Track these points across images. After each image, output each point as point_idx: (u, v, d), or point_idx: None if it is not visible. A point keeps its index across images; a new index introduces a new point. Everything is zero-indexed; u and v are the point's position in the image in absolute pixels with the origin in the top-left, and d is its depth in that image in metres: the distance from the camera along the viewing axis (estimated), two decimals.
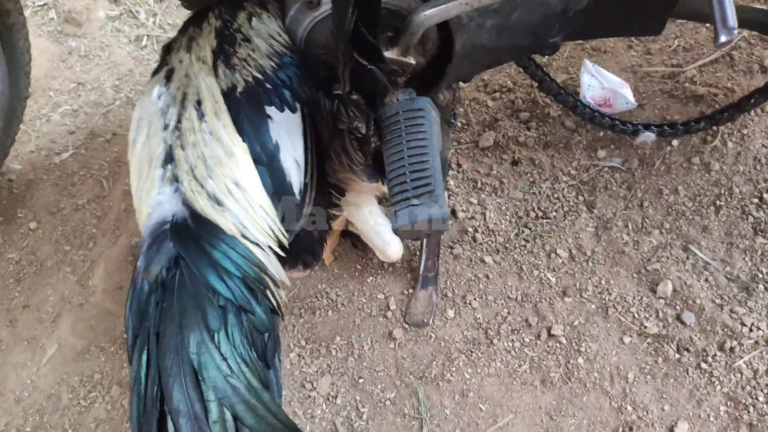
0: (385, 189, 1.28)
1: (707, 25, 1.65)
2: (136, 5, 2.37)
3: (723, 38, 0.67)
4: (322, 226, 1.16)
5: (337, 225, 1.49)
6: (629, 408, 1.20)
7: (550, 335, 1.31)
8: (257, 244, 0.92)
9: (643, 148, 1.50)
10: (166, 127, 0.96)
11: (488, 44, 1.09)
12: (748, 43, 1.58)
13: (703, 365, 1.21)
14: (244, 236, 0.91)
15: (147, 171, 0.95)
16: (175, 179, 0.92)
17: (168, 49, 1.11)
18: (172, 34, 2.35)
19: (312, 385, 1.36)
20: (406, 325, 1.40)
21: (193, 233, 0.89)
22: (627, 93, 1.53)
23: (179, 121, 0.96)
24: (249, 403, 0.79)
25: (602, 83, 1.56)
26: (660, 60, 1.64)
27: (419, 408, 1.28)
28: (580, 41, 1.72)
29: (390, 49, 1.03)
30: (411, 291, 1.43)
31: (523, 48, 1.15)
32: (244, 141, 0.94)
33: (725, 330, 1.24)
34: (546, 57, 1.62)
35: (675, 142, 1.49)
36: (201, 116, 0.95)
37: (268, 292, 0.91)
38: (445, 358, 1.33)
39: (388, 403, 1.31)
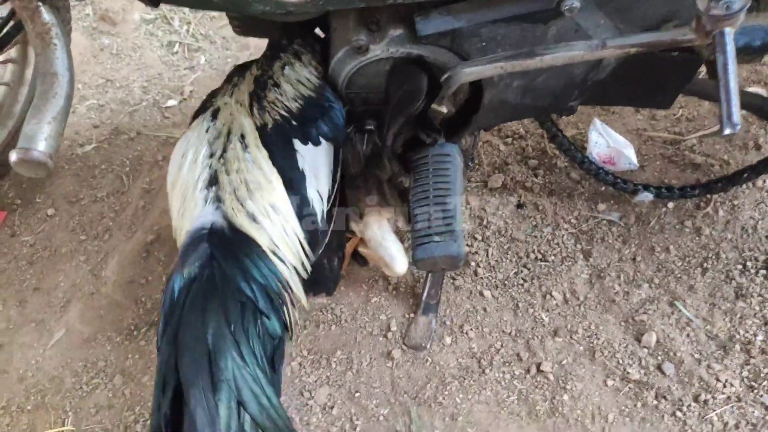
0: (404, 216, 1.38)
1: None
2: (172, 12, 2.47)
3: (727, 131, 0.78)
4: (340, 249, 1.24)
5: (349, 245, 1.58)
6: None
7: (539, 371, 1.40)
8: (284, 263, 1.02)
9: (640, 207, 1.61)
10: (212, 155, 1.07)
11: (513, 101, 1.20)
12: (746, 121, 1.71)
13: (678, 413, 1.30)
14: (274, 253, 1.01)
15: (191, 193, 1.05)
16: (218, 199, 1.02)
17: (213, 95, 1.23)
18: (204, 44, 2.45)
19: (310, 394, 1.44)
20: (405, 347, 1.48)
21: (228, 240, 0.99)
22: (631, 154, 1.65)
23: (224, 150, 1.07)
24: (254, 392, 0.87)
25: (608, 142, 1.68)
26: (664, 126, 1.76)
27: (410, 426, 1.36)
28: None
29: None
30: (412, 315, 1.52)
31: (544, 108, 1.26)
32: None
33: (701, 383, 1.33)
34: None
35: (671, 205, 1.60)
36: (245, 147, 1.07)
37: (284, 308, 1.00)
38: (439, 382, 1.41)
39: (381, 418, 1.38)
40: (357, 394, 1.42)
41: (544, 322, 1.48)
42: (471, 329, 1.48)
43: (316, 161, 1.11)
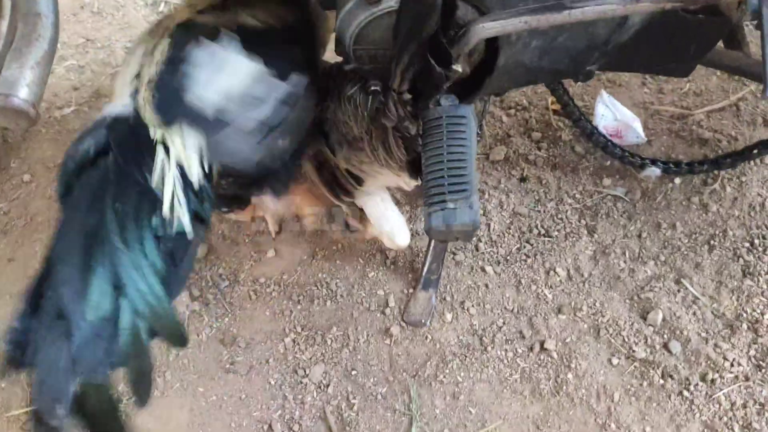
0: (405, 185, 1.32)
1: (718, 73, 1.74)
2: None
3: None
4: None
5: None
6: (613, 426, 1.25)
7: (542, 349, 1.36)
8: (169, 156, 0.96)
9: (646, 182, 1.57)
10: (146, 52, 1.04)
11: (529, 64, 1.13)
12: (755, 96, 1.66)
13: (685, 393, 1.27)
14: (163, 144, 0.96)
15: (121, 88, 1.02)
16: (136, 92, 0.98)
17: None
18: None
19: (305, 371, 1.38)
20: (404, 324, 1.42)
21: (128, 129, 0.94)
22: (638, 127, 1.60)
23: (155, 48, 1.03)
24: (132, 278, 0.82)
25: (615, 115, 1.62)
26: (671, 100, 1.71)
27: (410, 405, 1.31)
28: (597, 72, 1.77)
29: None
30: (411, 291, 1.46)
31: (561, 72, 1.19)
32: None
33: (708, 362, 1.30)
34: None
35: (677, 180, 1.56)
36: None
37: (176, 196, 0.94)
38: (440, 360, 1.36)
39: (379, 397, 1.33)
40: (354, 372, 1.37)
41: (547, 299, 1.43)
42: (472, 305, 1.43)
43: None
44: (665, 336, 1.35)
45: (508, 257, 1.50)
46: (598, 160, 1.62)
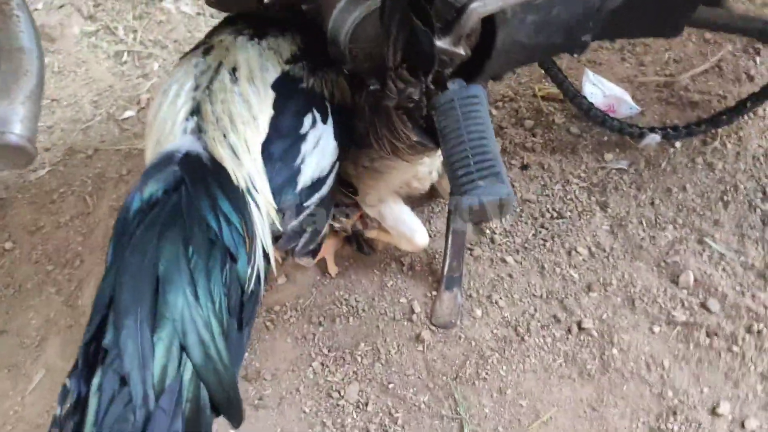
0: (417, 182, 1.28)
1: (693, 38, 1.77)
2: (114, 21, 2.31)
3: None
4: (321, 226, 1.11)
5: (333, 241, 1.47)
6: (670, 393, 1.20)
7: (580, 329, 1.31)
8: (258, 206, 0.89)
9: (647, 151, 1.56)
10: (197, 87, 0.95)
11: (525, 41, 1.11)
12: (733, 56, 1.69)
13: (734, 348, 1.24)
14: (249, 192, 0.89)
15: (170, 126, 0.93)
16: (199, 129, 0.90)
17: (209, 36, 1.09)
18: (155, 50, 2.30)
19: (339, 393, 1.30)
20: (433, 327, 1.36)
21: (203, 167, 0.86)
22: (629, 99, 1.60)
23: (211, 82, 0.96)
24: (203, 339, 0.72)
25: (604, 91, 1.63)
26: (653, 70, 1.73)
27: (457, 409, 1.24)
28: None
29: (442, 39, 1.04)
30: (434, 293, 1.41)
31: (556, 46, 1.18)
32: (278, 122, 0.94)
33: (750, 314, 1.27)
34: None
35: (678, 145, 1.56)
36: (234, 80, 0.95)
37: (254, 254, 0.86)
38: (478, 357, 1.30)
39: (423, 406, 1.26)
40: (391, 386, 1.30)
41: (574, 279, 1.39)
42: (500, 298, 1.38)
43: (324, 142, 1.00)
44: (701, 296, 1.32)
45: (526, 244, 1.46)
46: (594, 137, 1.62)
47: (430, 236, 1.49)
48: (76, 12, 2.37)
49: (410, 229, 1.32)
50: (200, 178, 0.83)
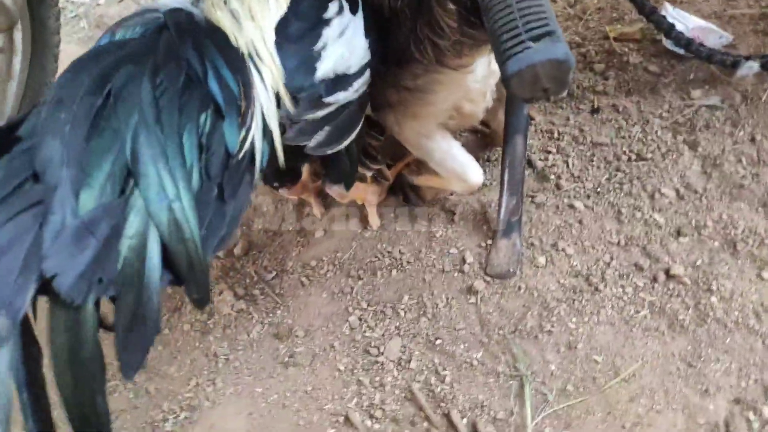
0: (473, 83, 1.10)
1: None
2: None
3: None
4: (346, 131, 0.95)
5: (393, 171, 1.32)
6: None
7: (669, 277, 1.08)
8: (260, 75, 0.75)
9: (743, 85, 1.33)
10: None
11: None
12: None
13: None
14: (252, 61, 0.75)
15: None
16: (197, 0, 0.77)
17: None
18: None
19: (378, 350, 1.12)
20: (488, 278, 1.17)
21: (195, 23, 0.73)
22: (717, 29, 1.38)
23: None
24: (160, 175, 0.57)
25: (687, 25, 1.42)
26: (746, 3, 1.50)
27: (516, 365, 1.03)
28: None
29: None
30: (490, 243, 1.22)
31: None
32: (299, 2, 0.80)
33: None
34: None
35: None
36: None
37: (253, 119, 0.72)
38: (542, 308, 1.09)
39: (475, 362, 1.06)
40: (438, 342, 1.11)
41: (659, 223, 1.17)
42: (567, 245, 1.18)
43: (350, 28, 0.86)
44: None
45: (599, 189, 1.25)
46: (678, 74, 1.40)
47: (484, 185, 1.32)
48: (135, 4, 2.41)
49: (462, 165, 1.15)
50: (189, 28, 0.71)
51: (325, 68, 0.80)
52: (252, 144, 0.71)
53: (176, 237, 0.57)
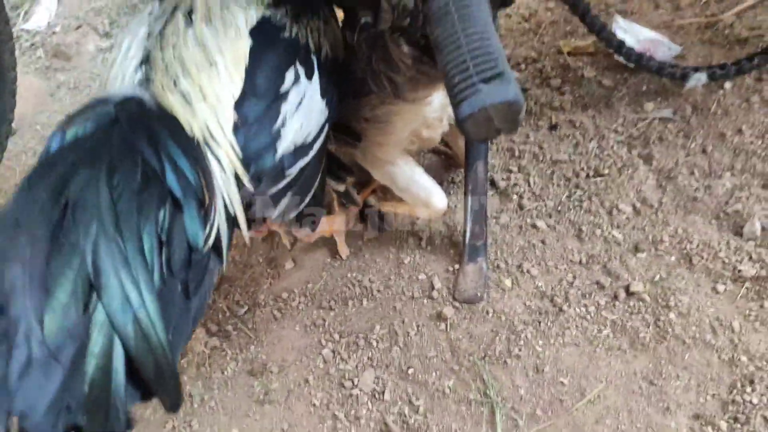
0: (430, 111, 1.12)
1: None
2: None
3: None
4: (306, 194, 0.94)
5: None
6: (743, 359, 0.99)
7: (629, 294, 1.12)
8: (219, 162, 0.75)
9: (693, 96, 1.37)
10: (149, 36, 0.83)
11: None
12: None
13: None
14: (208, 146, 0.74)
15: (120, 82, 0.80)
16: (147, 80, 0.77)
17: None
18: None
19: (353, 382, 1.14)
20: (457, 303, 1.19)
21: (147, 111, 0.72)
22: (666, 41, 1.42)
23: (164, 28, 0.83)
24: (122, 284, 0.57)
25: (637, 37, 1.45)
26: (692, 13, 1.54)
27: (487, 392, 1.06)
28: (604, 7, 1.63)
29: None
30: (457, 267, 1.24)
31: None
32: (254, 77, 0.80)
33: None
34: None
35: (727, 85, 1.36)
36: (189, 23, 0.82)
37: (213, 214, 0.71)
38: (509, 332, 1.12)
39: (447, 390, 1.09)
40: (410, 371, 1.13)
41: (618, 240, 1.20)
42: (532, 266, 1.21)
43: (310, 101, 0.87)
44: None
45: (560, 207, 1.29)
46: (631, 88, 1.44)
47: (449, 207, 1.34)
48: (92, 31, 2.38)
49: (425, 191, 1.17)
50: (141, 119, 0.71)
51: (285, 145, 0.80)
52: (218, 236, 0.71)
53: (143, 348, 0.57)
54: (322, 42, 0.94)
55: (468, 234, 1.22)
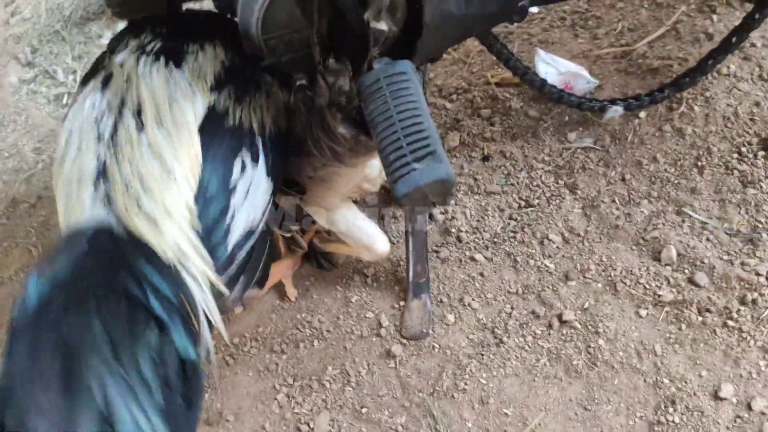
0: (370, 184, 1.18)
1: (645, 5, 1.69)
2: (53, 65, 2.22)
3: None
4: (257, 267, 0.95)
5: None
6: (666, 381, 1.09)
7: (562, 322, 1.20)
8: (195, 279, 0.76)
9: (611, 125, 1.47)
10: (99, 138, 0.82)
11: (457, 12, 1.03)
12: (689, 16, 1.61)
13: (730, 323, 1.13)
14: (182, 265, 0.76)
15: (76, 191, 0.80)
16: (108, 200, 0.77)
17: (111, 46, 0.97)
18: None
19: (308, 426, 1.18)
20: (404, 340, 1.25)
21: (118, 241, 0.74)
22: (585, 74, 1.51)
23: (115, 130, 0.82)
24: (132, 411, 0.61)
25: (558, 69, 1.54)
26: (608, 42, 1.64)
27: (437, 427, 1.12)
28: (527, 37, 1.71)
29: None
30: (402, 303, 1.30)
31: (493, 16, 1.09)
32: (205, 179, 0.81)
33: (741, 284, 1.17)
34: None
35: (642, 114, 1.46)
36: (140, 127, 0.81)
37: (192, 325, 0.74)
38: (455, 367, 1.19)
39: (400, 428, 1.14)
40: (364, 410, 1.18)
41: (549, 269, 1.29)
42: (473, 300, 1.28)
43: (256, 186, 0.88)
44: (687, 271, 1.22)
45: (495, 239, 1.36)
46: (555, 118, 1.52)
47: (392, 243, 1.40)
48: (13, 60, 2.29)
49: (368, 236, 1.21)
50: (117, 254, 0.72)
51: (236, 237, 0.82)
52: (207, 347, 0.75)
53: None
54: (265, 119, 0.94)
55: (411, 272, 1.28)
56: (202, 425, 1.23)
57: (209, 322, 0.77)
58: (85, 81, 0.94)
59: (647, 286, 1.21)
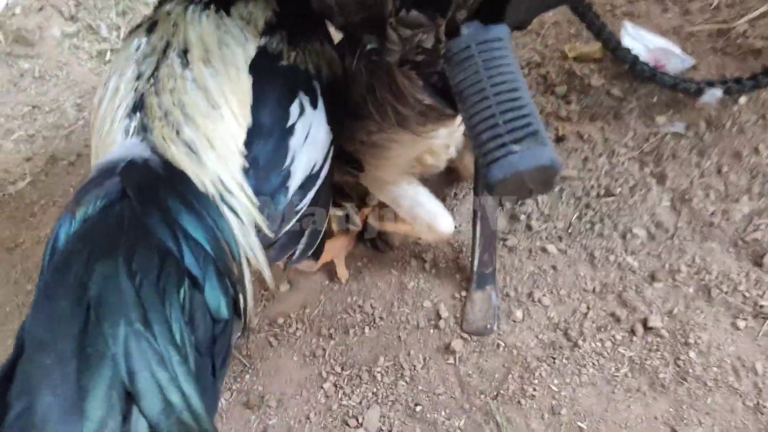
0: (437, 141, 1.04)
1: None
2: (97, 20, 2.12)
3: None
4: (321, 225, 0.90)
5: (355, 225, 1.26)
6: None
7: (647, 329, 1.07)
8: (236, 213, 0.69)
9: (706, 110, 1.31)
10: (139, 76, 0.76)
11: None
12: None
13: None
14: (221, 198, 0.68)
15: (109, 126, 0.73)
16: (144, 128, 0.70)
17: (158, 4, 0.89)
18: None
19: (357, 420, 1.08)
20: (465, 335, 1.14)
21: (153, 175, 0.66)
22: (678, 51, 1.35)
23: (157, 68, 0.75)
24: (160, 383, 0.53)
25: (647, 45, 1.38)
26: (702, 18, 1.47)
27: None
28: (610, 8, 1.55)
29: None
30: (464, 294, 1.18)
31: None
32: (259, 116, 0.73)
33: None
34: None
35: (743, 100, 1.30)
36: (185, 64, 0.75)
37: (231, 278, 0.67)
38: (522, 370, 1.07)
39: None
40: (418, 408, 1.07)
41: (633, 267, 1.15)
42: (543, 295, 1.15)
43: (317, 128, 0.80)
44: None
45: (570, 230, 1.23)
46: (642, 99, 1.37)
47: (455, 227, 1.27)
48: (57, 13, 2.20)
49: (430, 214, 1.09)
50: (150, 189, 0.64)
51: (296, 182, 0.74)
52: (245, 304, 0.66)
53: None
54: (321, 64, 0.86)
55: (476, 262, 1.16)
56: (241, 407, 1.14)
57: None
58: (130, 32, 0.88)
59: (746, 294, 1.07)
